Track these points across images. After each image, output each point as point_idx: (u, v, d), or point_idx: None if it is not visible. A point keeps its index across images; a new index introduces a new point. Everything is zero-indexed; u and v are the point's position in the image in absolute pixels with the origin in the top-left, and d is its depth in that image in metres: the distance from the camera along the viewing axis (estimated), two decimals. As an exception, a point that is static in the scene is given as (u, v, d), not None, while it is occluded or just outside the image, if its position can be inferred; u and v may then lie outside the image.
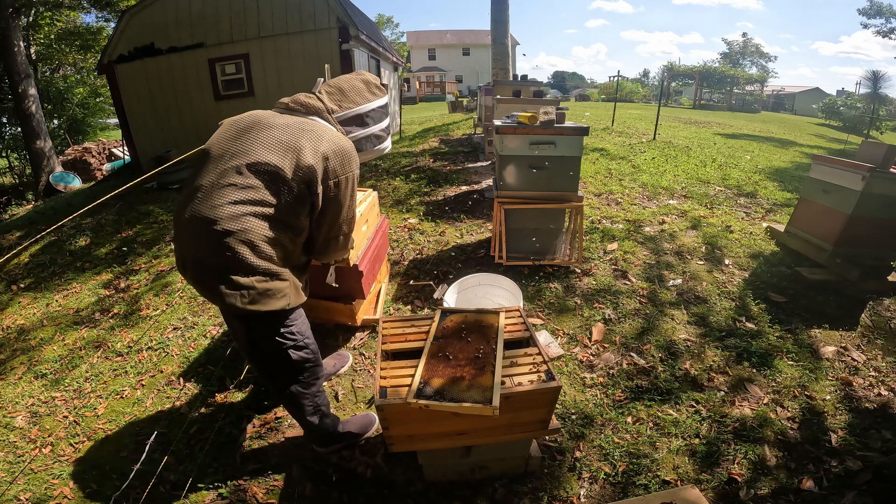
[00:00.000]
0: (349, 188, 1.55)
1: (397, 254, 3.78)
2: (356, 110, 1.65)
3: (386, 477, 1.88)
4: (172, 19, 7.85)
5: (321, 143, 1.47)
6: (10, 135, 13.13)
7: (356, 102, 1.66)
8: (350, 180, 1.54)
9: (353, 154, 1.56)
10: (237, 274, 1.39)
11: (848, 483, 1.81)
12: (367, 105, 1.68)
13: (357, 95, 1.66)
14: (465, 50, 39.67)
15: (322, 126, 1.54)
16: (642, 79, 54.79)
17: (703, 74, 27.83)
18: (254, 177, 1.40)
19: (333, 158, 1.48)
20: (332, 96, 1.63)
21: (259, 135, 1.46)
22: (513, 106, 4.89)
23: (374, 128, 1.72)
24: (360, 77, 1.71)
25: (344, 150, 1.52)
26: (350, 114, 1.64)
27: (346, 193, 1.55)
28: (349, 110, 1.64)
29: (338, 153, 1.50)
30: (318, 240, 1.60)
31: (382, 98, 1.74)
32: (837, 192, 3.23)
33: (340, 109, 1.63)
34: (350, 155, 1.54)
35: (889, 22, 22.29)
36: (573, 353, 2.60)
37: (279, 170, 1.40)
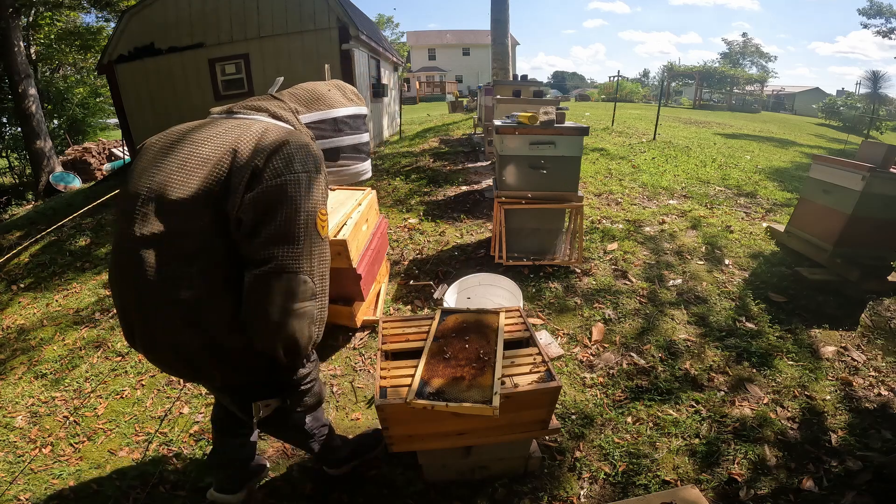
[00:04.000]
0: (300, 195, 1.04)
1: (397, 254, 3.78)
2: (329, 112, 1.32)
3: (386, 477, 1.88)
4: (172, 19, 7.85)
5: (263, 139, 1.08)
6: (10, 135, 13.13)
7: (330, 105, 1.34)
8: (303, 183, 1.05)
9: (315, 153, 1.13)
10: None
11: (848, 483, 1.81)
12: (344, 109, 1.36)
13: (330, 98, 1.36)
14: (465, 50, 39.66)
15: (270, 123, 1.17)
16: (642, 79, 54.82)
17: (702, 74, 27.83)
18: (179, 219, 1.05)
19: (277, 154, 1.05)
20: (297, 97, 1.31)
21: (178, 156, 1.08)
22: (513, 106, 4.89)
23: (350, 137, 1.38)
24: (335, 83, 1.43)
25: (298, 144, 1.10)
26: (321, 116, 1.31)
27: (293, 202, 1.03)
28: (320, 111, 1.31)
29: (286, 147, 1.07)
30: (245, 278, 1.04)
31: (361, 107, 1.43)
32: (837, 192, 3.23)
33: (308, 110, 1.30)
34: (307, 152, 1.10)
35: (889, 22, 22.29)
36: (573, 353, 2.60)
37: (209, 195, 1.03)
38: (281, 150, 1.06)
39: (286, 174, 1.03)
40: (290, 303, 1.01)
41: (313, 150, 1.13)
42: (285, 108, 1.24)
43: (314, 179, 1.07)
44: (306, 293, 1.04)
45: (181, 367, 1.16)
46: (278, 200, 1.01)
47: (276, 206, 1.01)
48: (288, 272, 1.00)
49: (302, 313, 1.04)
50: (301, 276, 1.02)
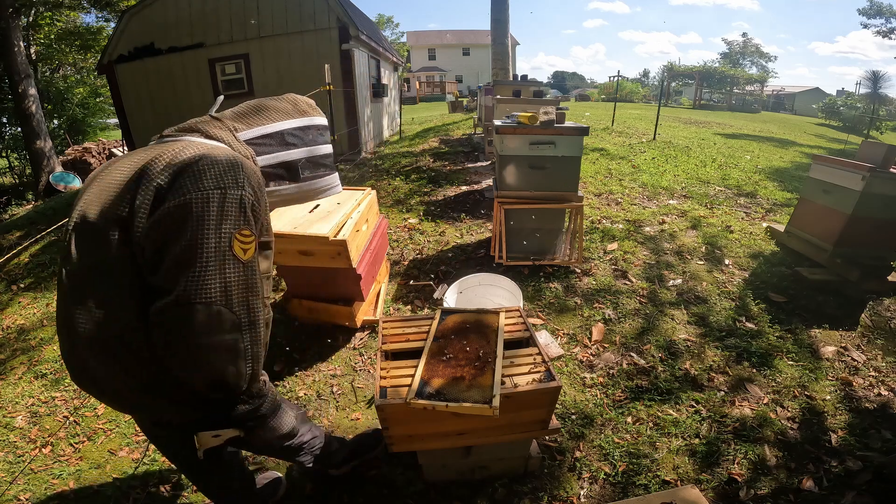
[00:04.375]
0: (209, 214, 0.91)
1: (397, 254, 3.78)
2: (273, 126, 1.21)
3: (386, 477, 1.88)
4: (172, 19, 7.85)
5: (176, 156, 0.97)
6: (10, 135, 13.13)
7: (274, 119, 1.22)
8: (214, 201, 0.92)
9: (242, 170, 0.99)
10: None
11: (848, 483, 1.81)
12: (291, 121, 1.24)
13: (276, 112, 1.24)
14: (465, 50, 39.67)
15: (195, 142, 1.05)
16: (642, 79, 54.82)
17: (702, 74, 27.84)
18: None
19: (186, 171, 0.94)
20: (238, 114, 1.21)
21: (101, 183, 1.02)
22: (513, 106, 4.89)
23: (301, 150, 1.25)
24: (286, 97, 1.31)
25: (214, 159, 0.97)
26: (264, 130, 1.19)
27: (200, 223, 0.90)
28: (262, 126, 1.20)
29: (198, 163, 0.95)
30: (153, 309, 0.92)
31: (314, 117, 1.30)
32: (837, 192, 3.23)
33: (248, 127, 1.18)
34: (225, 167, 0.97)
35: (889, 22, 22.30)
36: (573, 353, 2.60)
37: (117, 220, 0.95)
38: (191, 167, 0.94)
39: (192, 192, 0.91)
40: (201, 337, 0.88)
41: (238, 166, 0.99)
42: (221, 126, 1.14)
43: (231, 197, 0.93)
44: (223, 325, 0.90)
45: (114, 403, 1.09)
46: (182, 221, 0.89)
47: (179, 228, 0.89)
48: (194, 302, 0.87)
49: (220, 348, 0.91)
50: (213, 307, 0.88)
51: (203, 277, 0.88)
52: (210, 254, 0.89)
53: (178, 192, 0.91)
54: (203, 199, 0.90)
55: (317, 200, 1.35)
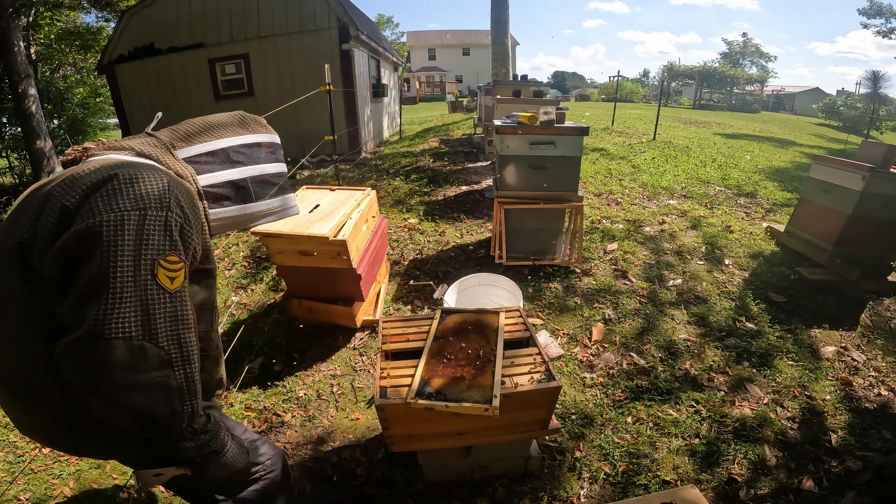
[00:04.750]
0: (124, 238, 0.77)
1: (397, 254, 3.78)
2: (217, 143, 1.10)
3: (386, 477, 1.88)
4: (172, 19, 7.86)
5: (87, 175, 0.83)
6: (10, 135, 13.12)
7: (218, 136, 1.11)
8: (130, 223, 0.78)
9: (159, 185, 0.85)
10: None
11: (848, 483, 1.81)
12: (238, 138, 1.13)
13: (221, 129, 1.13)
14: (465, 50, 39.67)
15: (111, 158, 0.92)
16: (642, 79, 54.80)
17: (702, 74, 27.84)
18: None
19: (98, 191, 0.80)
20: (177, 131, 1.08)
21: (16, 208, 0.90)
22: (513, 106, 4.89)
23: (250, 168, 1.13)
24: (233, 114, 1.20)
25: (131, 176, 0.83)
26: (206, 148, 1.08)
27: (112, 248, 0.76)
28: (204, 143, 1.08)
29: (112, 181, 0.81)
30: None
31: (265, 134, 1.19)
32: (837, 192, 3.23)
33: (188, 144, 1.06)
34: (146, 186, 0.83)
35: (889, 22, 22.29)
36: (573, 353, 2.60)
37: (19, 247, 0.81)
38: (106, 185, 0.80)
39: (104, 213, 0.77)
40: (124, 376, 0.75)
41: (164, 184, 0.85)
42: (156, 143, 1.01)
43: (153, 219, 0.80)
44: (149, 361, 0.78)
45: (52, 445, 1.01)
46: (91, 246, 0.75)
47: (88, 253, 0.75)
48: (109, 338, 0.73)
49: (148, 386, 0.78)
50: (133, 341, 0.75)
51: (118, 308, 0.75)
52: (126, 281, 0.76)
53: (88, 214, 0.77)
54: (117, 222, 0.77)
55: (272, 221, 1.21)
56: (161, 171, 0.89)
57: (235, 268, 3.72)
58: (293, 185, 5.66)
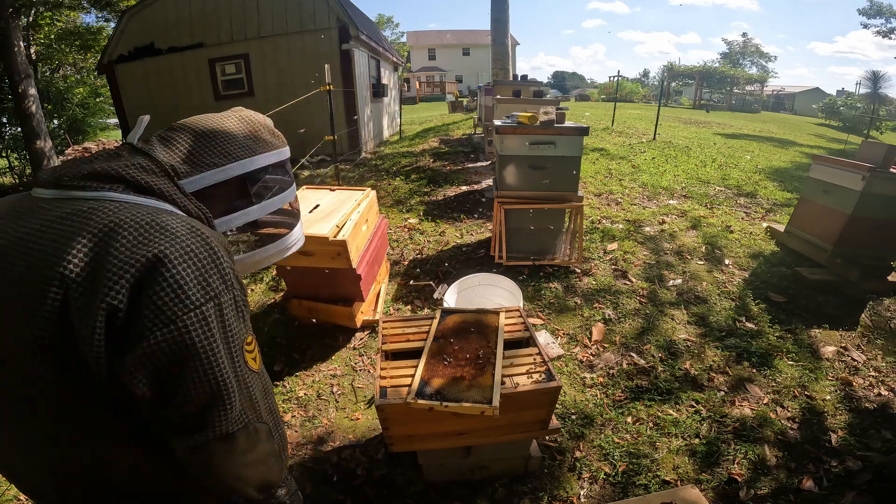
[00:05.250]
0: (213, 338, 0.66)
1: (397, 254, 3.78)
2: (230, 169, 0.83)
3: (386, 477, 1.88)
4: (172, 19, 7.86)
5: (110, 248, 0.62)
6: (10, 135, 13.12)
7: (234, 154, 0.84)
8: (211, 318, 0.66)
9: (212, 255, 0.68)
10: None
11: (848, 483, 1.81)
12: (253, 160, 0.86)
13: (230, 142, 0.85)
14: (465, 50, 39.67)
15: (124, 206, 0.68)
16: (642, 79, 54.79)
17: (702, 74, 27.85)
18: None
19: (152, 283, 0.62)
20: (176, 145, 0.81)
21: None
22: (513, 106, 4.89)
23: (271, 201, 0.91)
24: (239, 116, 0.91)
25: (184, 252, 0.65)
26: (217, 177, 0.82)
27: (207, 355, 0.66)
28: (217, 167, 0.82)
29: (164, 267, 0.63)
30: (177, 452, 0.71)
31: (280, 149, 0.94)
32: (837, 192, 3.23)
33: (195, 168, 0.80)
34: (203, 261, 0.67)
35: (889, 22, 22.29)
36: (573, 353, 2.60)
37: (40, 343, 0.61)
38: (157, 275, 0.62)
39: (180, 315, 0.62)
40: (245, 456, 0.76)
41: (214, 250, 0.68)
42: (154, 169, 0.75)
43: (227, 305, 0.69)
44: (260, 437, 0.78)
45: None
46: (181, 358, 0.64)
47: (179, 367, 0.64)
48: (233, 433, 0.72)
49: (263, 458, 0.80)
50: (247, 428, 0.75)
51: (233, 408, 0.71)
52: (230, 382, 0.70)
53: (160, 319, 0.61)
54: (200, 322, 0.64)
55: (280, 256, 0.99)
56: (194, 227, 0.70)
57: (235, 268, 3.71)
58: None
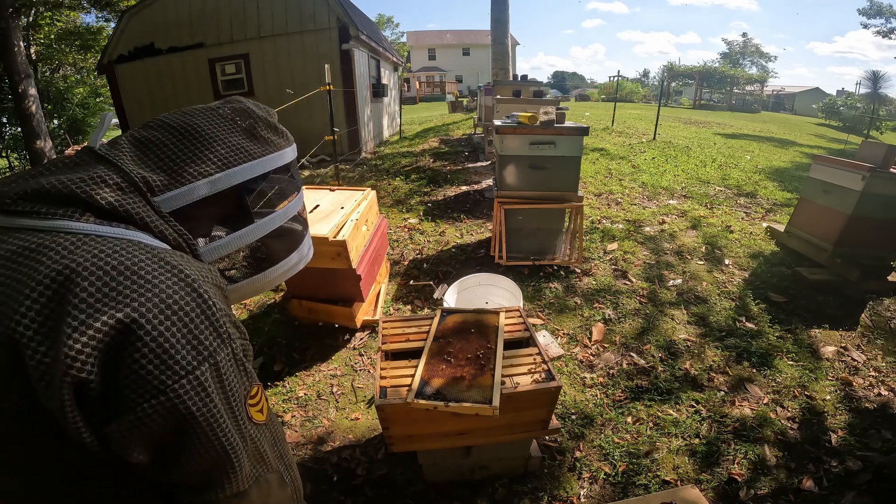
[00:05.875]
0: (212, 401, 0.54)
1: (397, 254, 3.78)
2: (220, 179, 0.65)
3: (386, 477, 1.88)
4: (172, 19, 7.85)
5: (66, 304, 0.47)
6: (10, 135, 13.12)
7: (220, 160, 0.65)
8: (208, 379, 0.53)
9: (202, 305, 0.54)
10: None
11: (848, 483, 1.81)
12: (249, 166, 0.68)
13: (218, 143, 0.66)
14: (465, 50, 39.68)
15: (82, 242, 0.52)
16: (642, 79, 54.78)
17: (702, 74, 27.85)
18: None
19: (127, 351, 0.48)
20: (148, 147, 0.63)
21: None
22: (513, 106, 4.89)
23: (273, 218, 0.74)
24: (229, 106, 0.73)
25: (174, 309, 0.51)
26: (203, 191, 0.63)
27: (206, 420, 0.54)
28: (205, 177, 0.63)
29: (138, 329, 0.48)
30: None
31: (286, 148, 0.76)
32: (837, 192, 3.23)
33: (174, 180, 0.62)
34: (185, 315, 0.52)
35: (889, 22, 22.30)
36: (573, 353, 2.60)
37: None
38: (134, 340, 0.48)
39: (170, 385, 0.50)
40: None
41: (202, 298, 0.54)
42: (120, 183, 0.58)
43: (225, 361, 0.56)
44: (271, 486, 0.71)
45: None
46: (177, 429, 0.53)
47: (176, 437, 0.54)
48: (245, 491, 0.65)
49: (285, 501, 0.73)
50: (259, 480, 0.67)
51: (243, 469, 0.63)
52: (236, 446, 0.60)
53: (148, 391, 0.49)
54: (195, 389, 0.52)
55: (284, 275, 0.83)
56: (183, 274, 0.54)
57: (235, 268, 3.71)
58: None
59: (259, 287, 0.78)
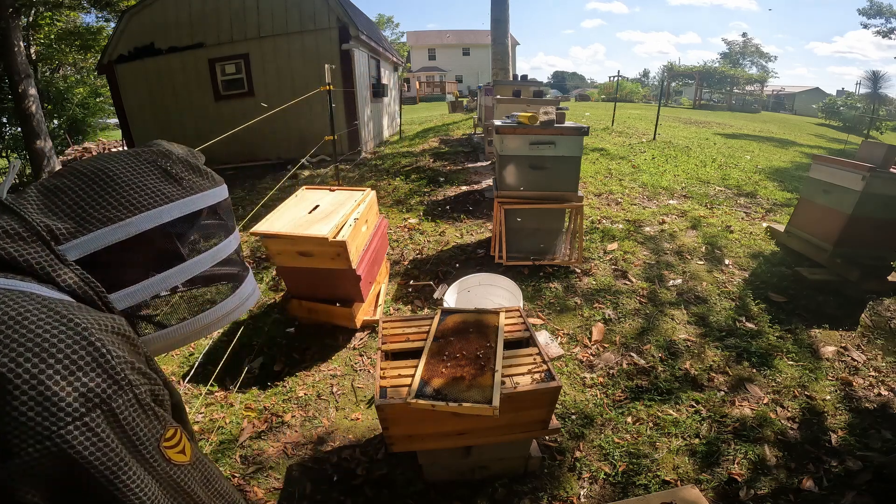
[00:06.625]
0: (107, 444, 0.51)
1: (397, 254, 3.78)
2: (132, 224, 0.63)
3: (386, 477, 1.88)
4: (172, 19, 7.85)
5: None
6: (10, 135, 13.13)
7: (132, 204, 0.63)
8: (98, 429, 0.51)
9: (101, 356, 0.53)
10: None
11: (848, 483, 1.81)
12: (166, 209, 0.66)
13: (131, 187, 0.64)
14: (465, 50, 39.68)
15: None
16: (642, 79, 54.78)
17: (702, 74, 27.85)
18: None
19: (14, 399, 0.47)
20: (55, 197, 0.62)
21: None
22: (513, 106, 4.89)
23: (196, 262, 0.70)
24: (147, 149, 0.70)
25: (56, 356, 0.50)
26: (113, 236, 0.62)
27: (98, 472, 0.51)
28: (111, 226, 0.61)
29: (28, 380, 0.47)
30: None
31: (210, 189, 0.73)
32: (837, 192, 3.23)
33: (81, 229, 0.60)
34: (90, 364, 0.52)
35: (889, 22, 22.30)
36: (573, 353, 2.60)
37: None
38: (11, 389, 0.47)
39: (56, 431, 0.48)
40: None
41: (91, 345, 0.53)
42: (21, 233, 0.57)
43: (121, 406, 0.54)
44: None
45: None
46: (70, 474, 0.50)
47: (71, 481, 0.51)
48: None
49: None
50: None
51: None
52: (142, 487, 0.56)
53: (32, 437, 0.47)
54: (86, 435, 0.50)
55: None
56: (71, 321, 0.53)
57: (235, 268, 3.71)
58: (293, 184, 5.66)
59: (188, 335, 0.74)
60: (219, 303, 0.75)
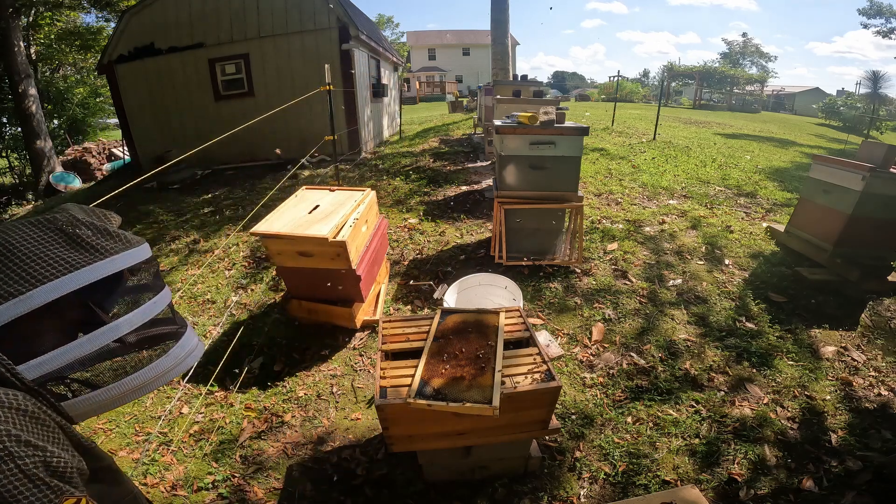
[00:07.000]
0: None
1: (397, 254, 3.78)
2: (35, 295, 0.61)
3: (386, 477, 1.88)
4: (172, 19, 7.85)
5: None
6: (10, 135, 13.13)
7: (33, 275, 0.61)
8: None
9: None
10: None
11: (848, 483, 1.81)
12: (70, 278, 0.64)
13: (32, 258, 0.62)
14: (465, 50, 39.67)
15: None
16: (642, 79, 54.75)
17: (702, 74, 27.84)
18: None
19: None
20: None
21: None
22: (513, 106, 4.88)
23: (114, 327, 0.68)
24: (53, 216, 0.69)
25: None
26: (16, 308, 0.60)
27: None
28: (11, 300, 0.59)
29: None
30: None
31: (122, 253, 0.70)
32: (837, 192, 3.23)
33: None
34: None
35: (889, 22, 22.30)
36: (573, 353, 2.60)
37: None
38: None
39: None
40: None
41: None
42: None
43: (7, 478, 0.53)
44: None
45: None
46: None
47: None
48: None
49: None
50: None
51: None
52: None
53: None
54: None
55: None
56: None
57: (235, 268, 3.72)
58: (293, 184, 5.66)
59: (116, 398, 0.71)
60: (147, 365, 0.73)
